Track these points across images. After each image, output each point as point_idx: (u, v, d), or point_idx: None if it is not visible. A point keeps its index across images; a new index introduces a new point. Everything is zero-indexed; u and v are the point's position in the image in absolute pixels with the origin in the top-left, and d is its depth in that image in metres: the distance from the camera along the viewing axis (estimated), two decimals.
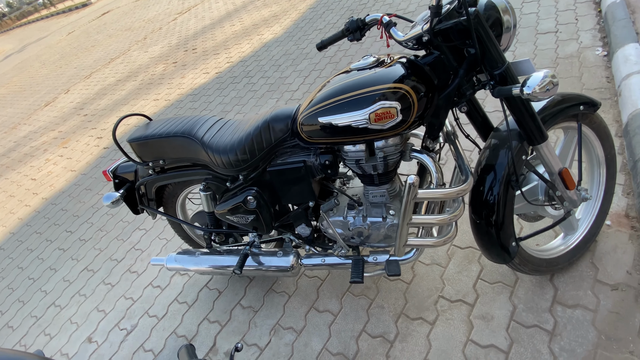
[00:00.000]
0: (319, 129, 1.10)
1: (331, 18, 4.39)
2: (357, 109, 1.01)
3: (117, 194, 1.52)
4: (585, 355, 1.15)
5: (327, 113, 1.06)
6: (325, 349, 1.45)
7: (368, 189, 1.24)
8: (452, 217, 1.06)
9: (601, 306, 1.24)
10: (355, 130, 1.05)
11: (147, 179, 1.50)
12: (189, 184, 1.53)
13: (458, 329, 1.34)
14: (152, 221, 2.52)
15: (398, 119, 0.99)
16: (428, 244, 1.16)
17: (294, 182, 1.25)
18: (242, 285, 1.84)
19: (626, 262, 1.31)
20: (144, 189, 1.56)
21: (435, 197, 1.07)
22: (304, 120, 1.12)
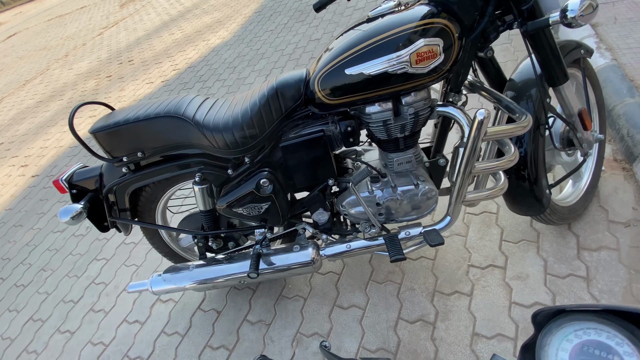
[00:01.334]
0: (344, 85, 0.96)
1: (281, 19, 4.28)
2: (394, 51, 0.89)
3: (78, 205, 1.20)
4: (623, 292, 1.16)
5: (356, 62, 0.92)
6: (362, 347, 1.28)
7: (392, 156, 1.13)
8: (510, 160, 0.99)
9: (621, 243, 1.27)
10: (390, 79, 0.92)
11: (119, 181, 1.19)
12: (174, 181, 1.26)
13: (497, 295, 1.28)
14: (114, 248, 2.11)
15: (440, 59, 0.90)
16: (482, 197, 1.07)
17: (313, 157, 1.09)
18: (244, 298, 1.58)
19: (629, 200, 1.38)
20: (114, 196, 1.25)
21: (504, 134, 0.97)
22: (323, 78, 0.97)
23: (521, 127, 0.95)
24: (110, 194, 1.25)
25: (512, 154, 0.98)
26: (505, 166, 1.00)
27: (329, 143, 1.08)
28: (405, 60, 0.89)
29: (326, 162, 1.11)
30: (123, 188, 1.24)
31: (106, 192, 1.23)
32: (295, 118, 1.10)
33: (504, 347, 1.15)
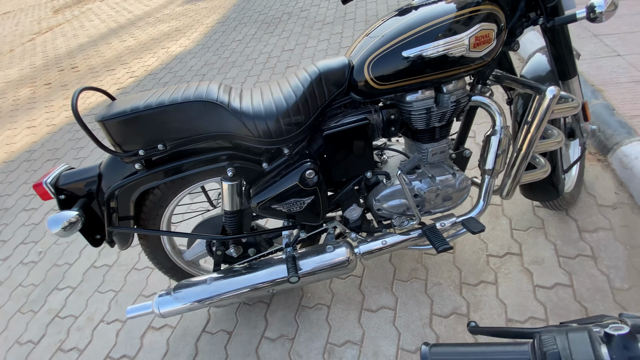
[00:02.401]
0: (397, 69, 0.94)
1: (247, 30, 4.21)
2: (454, 33, 0.90)
3: (73, 212, 0.98)
4: (625, 266, 1.29)
5: (416, 43, 0.91)
6: (400, 349, 1.23)
7: (427, 147, 1.13)
8: (558, 142, 1.05)
9: (613, 224, 1.42)
10: (446, 63, 0.93)
11: (126, 181, 1.00)
12: (191, 180, 1.09)
13: (520, 280, 1.33)
14: (80, 273, 1.78)
15: (493, 44, 0.93)
16: (529, 179, 1.12)
17: (356, 147, 1.04)
18: (258, 314, 1.43)
19: (610, 186, 1.56)
20: (116, 201, 1.06)
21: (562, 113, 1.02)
22: (375, 62, 0.94)
23: (573, 108, 1.02)
24: (112, 199, 1.05)
25: (559, 135, 1.05)
26: (555, 147, 1.07)
27: (372, 132, 1.05)
28: (465, 43, 0.91)
29: (368, 153, 1.07)
30: (130, 190, 1.05)
31: (108, 196, 1.03)
32: (334, 107, 1.05)
33: None
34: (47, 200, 1.11)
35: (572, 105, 1.03)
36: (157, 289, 1.63)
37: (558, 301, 1.24)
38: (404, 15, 0.97)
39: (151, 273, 1.71)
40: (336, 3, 4.27)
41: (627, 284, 1.24)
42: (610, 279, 1.27)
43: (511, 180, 1.09)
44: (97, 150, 2.75)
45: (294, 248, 1.20)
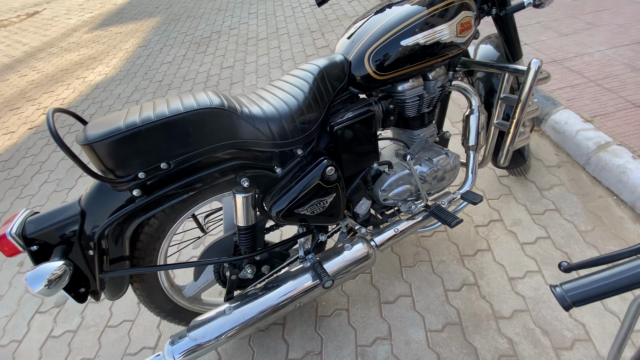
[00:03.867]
0: (396, 58, 0.99)
1: (176, 52, 3.99)
2: (445, 22, 0.99)
3: (58, 262, 0.81)
4: (583, 211, 1.52)
5: (409, 34, 0.97)
6: (428, 332, 1.25)
7: (418, 132, 1.21)
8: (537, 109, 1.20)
9: (563, 179, 1.68)
10: (437, 50, 1.01)
11: (122, 214, 0.85)
12: (192, 202, 0.97)
13: (508, 242, 1.47)
14: (36, 349, 1.43)
15: (472, 31, 1.04)
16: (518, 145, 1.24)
17: (364, 139, 1.06)
18: (274, 338, 1.32)
19: (550, 150, 1.84)
20: (107, 240, 0.89)
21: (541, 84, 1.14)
22: (375, 52, 0.98)
23: (545, 80, 1.18)
24: (103, 239, 0.88)
25: (535, 104, 1.20)
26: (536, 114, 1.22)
27: (376, 123, 1.08)
28: (454, 30, 0.99)
29: (374, 144, 1.09)
30: (124, 224, 0.89)
31: (99, 237, 0.86)
32: (335, 103, 1.05)
33: (536, 280, 1.33)
34: (13, 255, 0.88)
35: (545, 77, 1.20)
36: (144, 343, 1.40)
37: (543, 252, 1.41)
38: (391, 10, 1.02)
39: (132, 326, 1.47)
40: (266, 20, 4.32)
41: (590, 226, 1.47)
42: (576, 224, 1.48)
43: (507, 147, 1.21)
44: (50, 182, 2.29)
45: (309, 255, 1.15)
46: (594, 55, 2.22)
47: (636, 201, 1.46)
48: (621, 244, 1.38)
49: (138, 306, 1.55)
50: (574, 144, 1.74)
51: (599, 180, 1.62)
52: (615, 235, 1.41)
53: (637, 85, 1.92)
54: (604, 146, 1.64)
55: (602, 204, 1.53)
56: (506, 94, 1.19)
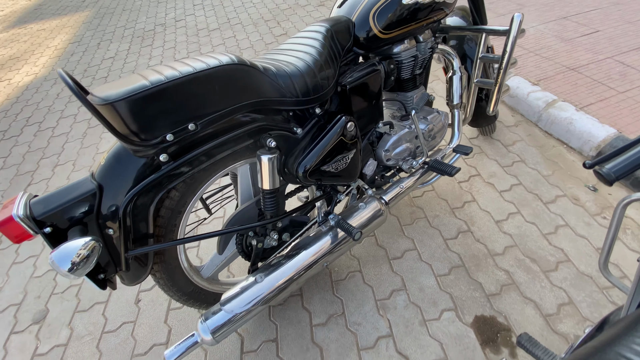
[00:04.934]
0: (398, 17, 1.06)
1: (117, 46, 3.69)
2: None
3: (87, 239, 0.74)
4: (543, 160, 1.76)
5: None
6: (437, 277, 1.36)
7: (411, 94, 1.30)
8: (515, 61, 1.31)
9: (522, 135, 1.91)
10: (432, 9, 1.10)
11: (153, 179, 0.80)
12: (214, 170, 0.94)
13: (488, 192, 1.65)
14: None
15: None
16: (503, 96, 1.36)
17: (372, 97, 1.12)
18: (294, 309, 1.33)
19: (507, 112, 2.08)
20: (131, 216, 0.83)
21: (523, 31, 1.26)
22: (380, 12, 1.04)
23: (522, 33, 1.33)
24: (127, 214, 0.82)
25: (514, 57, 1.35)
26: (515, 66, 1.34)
27: (381, 82, 1.14)
28: None
29: (380, 103, 1.15)
30: (149, 196, 0.83)
31: (124, 210, 0.80)
32: (341, 64, 1.09)
33: (518, 220, 1.51)
34: (22, 241, 0.76)
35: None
36: (153, 340, 1.31)
37: (518, 196, 1.61)
38: None
39: (134, 328, 1.36)
40: (214, 11, 4.17)
41: (550, 170, 1.70)
42: (539, 170, 1.71)
43: (495, 97, 1.34)
44: None
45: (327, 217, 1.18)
46: (529, 30, 2.54)
47: (583, 146, 1.73)
48: (577, 182, 1.62)
49: (137, 306, 1.44)
50: (527, 105, 1.99)
51: (550, 133, 1.88)
52: (571, 175, 1.66)
53: (567, 53, 2.25)
54: (551, 103, 1.90)
55: (556, 152, 1.78)
56: (484, 53, 1.33)
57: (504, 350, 1.14)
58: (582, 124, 1.74)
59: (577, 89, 1.97)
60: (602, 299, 1.22)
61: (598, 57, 2.16)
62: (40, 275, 1.65)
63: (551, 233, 1.44)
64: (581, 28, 2.46)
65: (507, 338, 1.16)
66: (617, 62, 2.10)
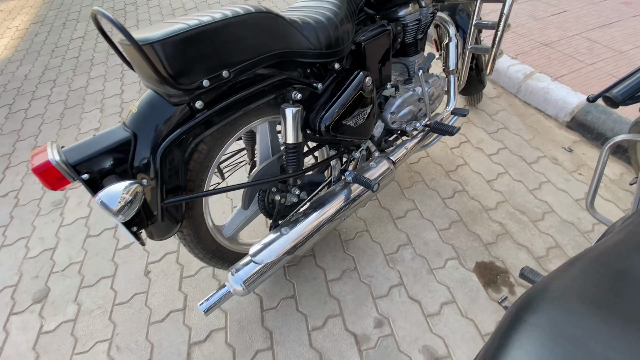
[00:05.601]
0: None
1: (86, 26, 3.47)
2: None
3: (130, 182, 0.75)
4: (524, 126, 1.91)
5: None
6: (439, 231, 1.46)
7: (413, 59, 1.37)
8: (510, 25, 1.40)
9: (504, 105, 2.05)
10: None
11: (189, 127, 0.81)
12: (240, 124, 0.95)
13: (478, 156, 1.77)
14: (28, 350, 1.22)
15: None
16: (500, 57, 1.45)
17: (384, 55, 1.17)
18: (308, 267, 1.39)
19: (489, 84, 2.22)
20: (166, 165, 0.84)
21: None
22: None
23: None
24: (164, 163, 0.82)
25: None
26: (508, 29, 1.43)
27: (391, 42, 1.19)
28: None
29: (390, 63, 1.21)
30: (184, 145, 0.84)
31: (161, 160, 0.80)
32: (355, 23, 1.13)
33: (506, 179, 1.65)
34: (61, 187, 0.74)
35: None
36: (170, 307, 1.32)
37: (505, 158, 1.74)
38: None
39: (147, 297, 1.36)
40: None
41: (531, 135, 1.85)
42: (521, 136, 1.86)
43: (492, 59, 1.43)
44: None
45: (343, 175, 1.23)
46: None
47: (558, 113, 1.90)
48: (555, 145, 1.79)
49: (147, 277, 1.43)
50: (507, 77, 2.14)
51: (529, 102, 2.04)
52: (549, 139, 1.82)
53: (540, 30, 2.42)
54: (529, 75, 2.05)
55: (535, 120, 1.94)
56: (478, 20, 1.42)
57: (504, 289, 1.26)
58: (558, 93, 1.91)
59: (551, 62, 2.14)
60: (584, 241, 1.37)
61: (567, 34, 2.35)
62: (35, 256, 1.58)
63: (536, 189, 1.59)
64: (551, 8, 2.65)
65: (505, 279, 1.29)
66: (584, 38, 2.30)
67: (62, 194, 1.86)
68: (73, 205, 1.79)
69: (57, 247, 1.60)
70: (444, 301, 1.24)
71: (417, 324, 1.19)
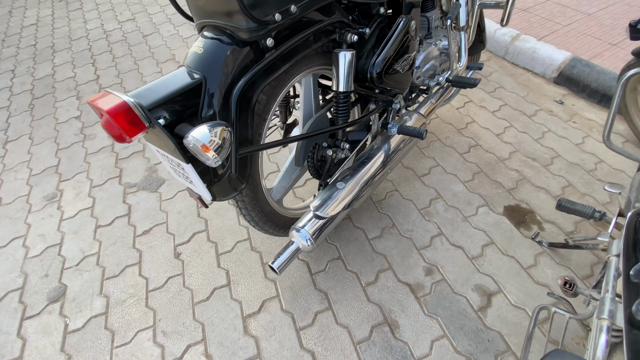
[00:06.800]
0: None
1: (37, 12, 3.07)
2: None
3: (217, 122, 0.69)
4: (517, 85, 2.03)
5: None
6: (464, 183, 1.53)
7: (430, 14, 1.39)
8: None
9: (495, 68, 2.17)
10: None
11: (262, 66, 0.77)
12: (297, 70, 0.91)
13: (483, 113, 1.86)
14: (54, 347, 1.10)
15: None
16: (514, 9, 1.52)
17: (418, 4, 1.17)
18: (348, 230, 1.38)
19: None
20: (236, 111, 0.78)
21: None
22: None
23: None
24: (238, 108, 0.77)
25: None
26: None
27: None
28: None
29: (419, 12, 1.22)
30: (252, 89, 0.79)
31: (236, 104, 0.75)
32: None
33: (513, 131, 1.75)
34: (132, 137, 0.65)
35: None
36: (213, 285, 1.25)
37: (508, 114, 1.85)
38: None
39: (183, 280, 1.28)
40: None
41: (525, 92, 1.98)
42: (517, 93, 1.97)
43: (509, 9, 1.48)
44: None
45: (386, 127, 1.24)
46: None
47: (545, 70, 2.04)
48: (547, 99, 1.92)
49: (178, 260, 1.34)
50: (494, 41, 2.25)
51: (517, 63, 2.17)
52: (542, 94, 1.95)
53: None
54: (516, 37, 2.18)
55: (525, 78, 2.07)
56: None
57: (534, 227, 1.35)
58: (544, 52, 2.05)
59: (532, 25, 2.29)
60: (590, 178, 1.51)
61: (540, 0, 2.52)
62: (38, 254, 1.41)
63: (540, 138, 1.71)
64: None
65: (533, 218, 1.38)
66: (555, 3, 2.48)
67: (55, 187, 1.67)
68: (70, 198, 1.62)
69: (63, 242, 1.44)
70: (483, 244, 1.31)
71: (464, 267, 1.24)
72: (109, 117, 0.60)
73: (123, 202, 1.57)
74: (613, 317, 0.55)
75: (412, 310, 1.14)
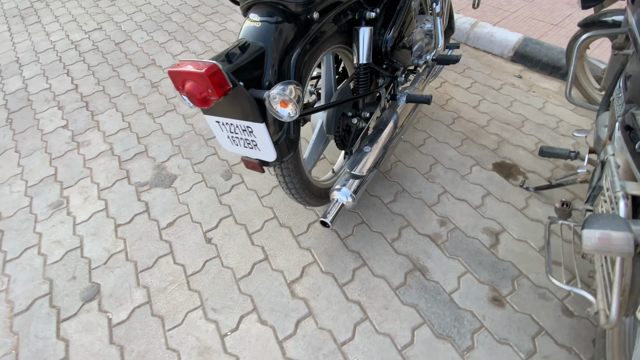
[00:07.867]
0: None
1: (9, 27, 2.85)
2: None
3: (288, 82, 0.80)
4: (482, 65, 2.31)
5: None
6: (455, 148, 1.73)
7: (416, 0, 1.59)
8: None
9: (460, 52, 2.44)
10: None
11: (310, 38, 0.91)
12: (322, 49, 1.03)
13: (458, 91, 2.10)
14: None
15: None
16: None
17: None
18: (364, 199, 1.52)
19: None
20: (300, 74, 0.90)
21: None
22: None
23: None
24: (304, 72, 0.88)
25: None
26: None
27: None
28: None
29: None
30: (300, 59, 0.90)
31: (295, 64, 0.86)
32: None
33: (486, 103, 2.00)
34: (221, 97, 0.71)
35: None
36: (252, 261, 1.32)
37: (479, 89, 2.10)
38: None
39: (220, 261, 1.32)
40: None
41: (489, 70, 2.26)
42: (482, 71, 2.25)
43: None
44: None
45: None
46: None
47: (502, 51, 2.35)
48: (508, 75, 2.22)
49: (210, 244, 1.38)
50: (457, 30, 2.53)
51: (478, 47, 2.46)
52: (503, 71, 2.25)
53: None
54: (474, 25, 2.47)
55: (487, 59, 2.37)
56: None
57: (519, 177, 1.58)
58: (499, 35, 2.36)
59: (485, 13, 2.61)
60: (555, 135, 1.78)
61: None
62: (58, 260, 1.38)
63: (509, 107, 1.98)
64: None
65: (517, 170, 1.61)
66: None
67: (59, 195, 1.61)
68: (79, 203, 1.58)
69: (83, 245, 1.42)
70: (482, 195, 1.51)
71: (470, 215, 1.43)
72: (204, 77, 0.68)
73: (138, 200, 1.57)
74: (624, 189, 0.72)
75: (436, 256, 1.30)
